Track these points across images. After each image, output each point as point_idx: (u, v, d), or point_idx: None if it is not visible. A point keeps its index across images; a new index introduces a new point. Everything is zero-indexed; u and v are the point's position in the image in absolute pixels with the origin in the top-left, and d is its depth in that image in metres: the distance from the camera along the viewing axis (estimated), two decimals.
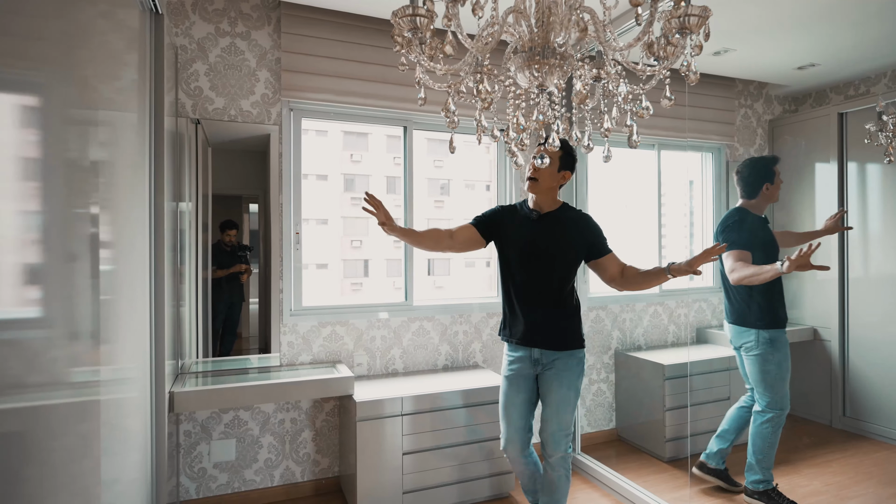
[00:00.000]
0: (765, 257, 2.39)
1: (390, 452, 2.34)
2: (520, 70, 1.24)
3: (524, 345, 1.99)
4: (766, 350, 2.42)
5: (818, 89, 3.47)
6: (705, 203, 3.45)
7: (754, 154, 3.56)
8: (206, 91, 2.40)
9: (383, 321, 2.74)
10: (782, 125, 3.55)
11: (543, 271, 1.95)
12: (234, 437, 2.46)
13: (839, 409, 3.22)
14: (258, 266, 2.61)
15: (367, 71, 2.61)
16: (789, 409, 2.41)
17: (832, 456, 2.89)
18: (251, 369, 2.50)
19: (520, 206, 2.09)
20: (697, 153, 3.45)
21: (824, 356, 3.27)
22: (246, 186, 2.61)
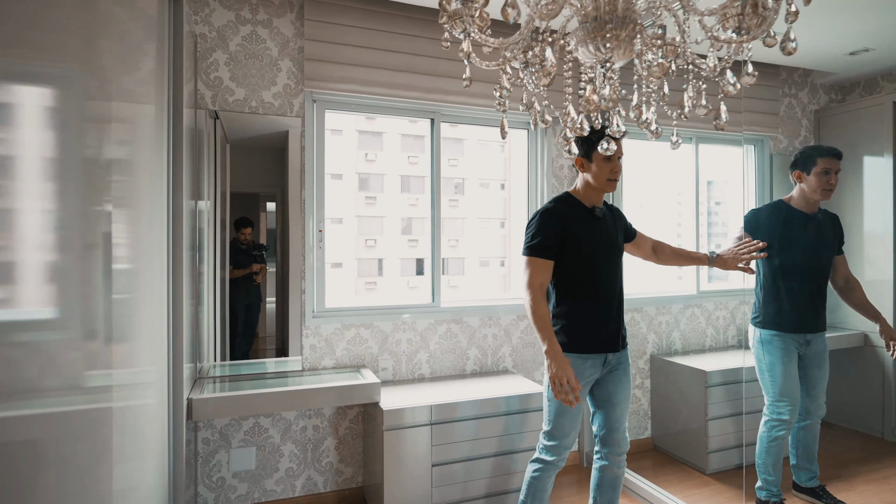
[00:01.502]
0: (781, 255, 2.23)
1: (419, 464, 2.21)
2: (581, 44, 1.09)
3: (602, 351, 1.85)
4: (758, 350, 2.29)
5: (868, 77, 3.27)
6: (748, 197, 3.26)
7: (798, 146, 3.36)
8: (227, 81, 2.28)
9: (409, 324, 2.60)
10: (829, 115, 3.35)
11: (618, 267, 1.92)
12: (255, 445, 2.34)
13: (892, 420, 3.02)
14: (275, 265, 2.50)
15: (393, 60, 2.48)
16: (788, 417, 2.20)
17: (889, 472, 2.69)
18: (272, 374, 2.38)
19: (563, 204, 1.88)
20: (738, 147, 3.27)
21: (876, 363, 3.06)
22: (263, 184, 2.51)
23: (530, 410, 2.39)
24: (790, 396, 2.21)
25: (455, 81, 2.57)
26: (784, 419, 2.22)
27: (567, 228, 1.82)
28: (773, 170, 3.28)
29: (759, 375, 2.31)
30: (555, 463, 1.88)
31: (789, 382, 2.21)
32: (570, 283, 1.85)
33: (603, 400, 1.92)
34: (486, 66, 1.19)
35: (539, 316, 1.74)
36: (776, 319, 2.24)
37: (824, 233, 2.30)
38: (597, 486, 1.98)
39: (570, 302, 1.85)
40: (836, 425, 2.85)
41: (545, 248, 1.80)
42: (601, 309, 1.85)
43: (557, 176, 2.89)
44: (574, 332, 1.84)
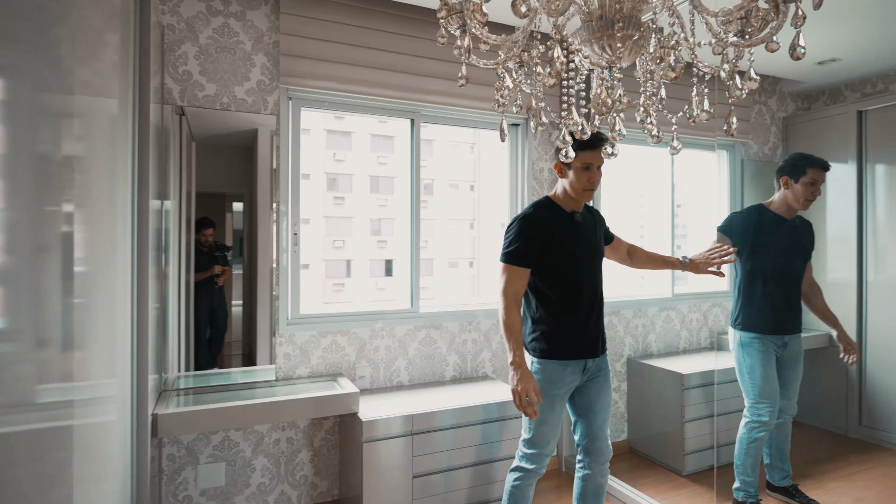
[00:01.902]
0: (761, 259, 2.28)
1: (399, 475, 2.13)
2: (586, 44, 1.05)
3: (582, 357, 1.82)
4: (738, 353, 2.32)
5: (833, 86, 3.37)
6: (721, 201, 3.32)
7: (768, 152, 3.45)
8: (196, 76, 2.15)
9: (388, 330, 2.53)
10: (796, 123, 3.45)
11: (598, 272, 1.90)
12: (224, 461, 2.22)
13: (855, 417, 3.12)
14: (242, 268, 2.38)
15: (373, 58, 2.40)
16: (767, 419, 2.25)
17: (854, 469, 2.77)
18: (243, 385, 2.27)
19: (543, 209, 1.85)
20: (712, 151, 3.32)
21: (839, 363, 3.16)
22: (230, 184, 2.39)
23: (508, 418, 2.35)
24: (770, 398, 2.24)
25: (436, 81, 2.51)
26: (764, 420, 2.25)
27: (546, 234, 1.79)
28: (744, 174, 3.35)
29: (740, 378, 2.34)
30: (536, 471, 1.85)
31: (769, 384, 2.24)
32: (551, 289, 1.81)
33: (584, 408, 1.89)
34: (484, 65, 1.13)
35: (508, 326, 1.72)
36: (755, 322, 2.27)
37: (801, 238, 2.35)
38: (580, 496, 1.94)
39: (550, 308, 1.82)
40: (804, 424, 2.92)
41: (522, 256, 1.76)
42: (582, 315, 1.82)
43: (538, 179, 2.86)
44: (554, 338, 1.81)
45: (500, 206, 3.08)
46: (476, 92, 2.60)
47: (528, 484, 1.87)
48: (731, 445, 2.89)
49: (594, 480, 1.91)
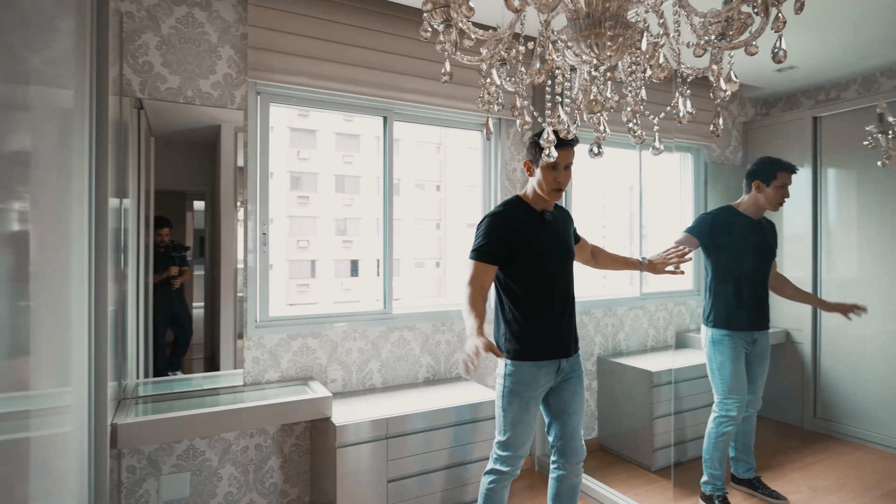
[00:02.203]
0: (731, 258, 2.35)
1: (373, 480, 2.09)
2: (572, 42, 1.04)
3: (556, 357, 1.81)
4: (709, 349, 2.39)
5: (789, 93, 3.52)
6: (685, 203, 3.41)
7: (729, 155, 3.56)
8: (158, 67, 2.05)
9: (360, 332, 2.47)
10: (756, 128, 3.58)
11: (570, 271, 1.89)
12: (189, 471, 2.12)
13: (810, 410, 3.26)
14: (204, 269, 2.29)
15: (346, 54, 2.34)
16: (735, 413, 2.32)
17: (812, 459, 2.89)
18: (209, 391, 2.17)
19: (512, 208, 1.84)
20: (677, 153, 3.41)
21: (796, 358, 3.30)
22: (191, 181, 2.28)
23: (481, 419, 2.34)
24: (739, 394, 2.31)
25: (410, 79, 2.48)
26: (732, 415, 2.31)
27: (516, 233, 1.78)
28: (707, 177, 3.45)
29: (710, 373, 2.40)
30: (511, 472, 1.84)
31: (738, 380, 2.31)
32: (523, 289, 1.80)
33: (559, 410, 1.88)
34: (469, 62, 1.11)
35: (472, 304, 1.66)
36: (726, 319, 2.33)
37: (767, 238, 2.43)
38: (555, 497, 1.93)
39: (523, 308, 1.80)
40: (763, 417, 3.02)
41: (490, 253, 1.75)
42: (555, 314, 1.81)
43: (511, 179, 2.86)
44: (527, 339, 1.79)
45: (467, 206, 3.07)
46: (451, 91, 2.58)
47: (504, 486, 1.86)
48: (692, 442, 2.98)
49: (569, 480, 1.92)
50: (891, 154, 2.14)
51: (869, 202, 2.96)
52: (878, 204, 2.92)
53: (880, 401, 2.93)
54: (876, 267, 2.94)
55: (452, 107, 2.61)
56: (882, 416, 2.93)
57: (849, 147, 3.06)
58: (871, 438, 2.96)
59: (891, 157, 2.15)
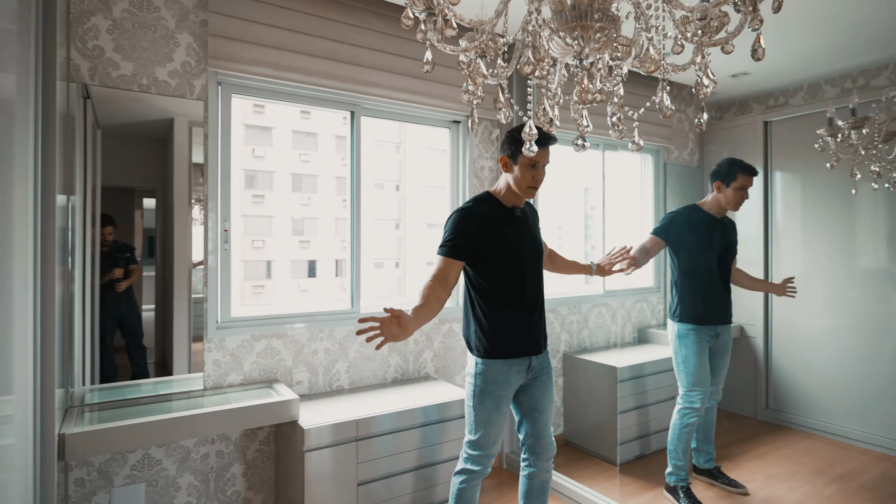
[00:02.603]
0: (696, 255, 2.43)
1: (343, 484, 2.03)
2: (556, 34, 1.03)
3: (527, 354, 1.79)
4: (675, 343, 2.46)
5: (742, 98, 3.67)
6: (645, 202, 3.50)
7: (687, 157, 3.68)
8: (110, 52, 1.92)
9: (327, 332, 2.40)
10: (711, 132, 3.71)
11: (541, 268, 1.89)
12: (144, 481, 2.00)
13: (763, 401, 3.42)
14: (154, 270, 2.16)
15: (311, 45, 2.27)
16: (699, 405, 2.41)
17: (765, 448, 3.03)
18: (165, 396, 2.06)
19: (482, 203, 1.81)
20: (637, 154, 3.49)
21: (750, 352, 3.45)
22: (141, 177, 2.16)
23: (449, 419, 2.31)
24: (703, 386, 2.38)
25: (378, 73, 2.43)
26: (696, 407, 2.38)
27: (485, 229, 1.74)
28: (666, 177, 3.56)
29: (675, 366, 2.46)
30: (482, 472, 1.82)
31: (702, 373, 2.38)
32: (493, 286, 1.77)
33: (529, 408, 1.87)
34: (451, 51, 1.08)
35: (423, 294, 1.58)
36: (691, 314, 2.40)
37: (729, 235, 2.52)
38: (526, 494, 1.93)
39: (493, 306, 1.77)
40: (720, 409, 3.14)
41: (458, 248, 1.70)
42: (525, 312, 1.80)
43: (479, 177, 2.86)
44: (498, 337, 1.77)
45: (427, 206, 3.04)
46: (420, 87, 2.55)
47: (475, 485, 1.84)
48: (656, 435, 3.06)
49: (540, 477, 1.92)
50: (839, 156, 2.26)
51: (814, 203, 3.13)
52: (823, 205, 3.08)
53: (826, 391, 3.10)
54: (820, 265, 3.10)
55: (421, 103, 2.57)
56: (827, 406, 3.10)
57: (796, 150, 3.22)
58: (819, 427, 3.12)
59: (839, 159, 2.27)
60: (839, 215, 2.99)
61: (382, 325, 1.40)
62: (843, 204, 2.94)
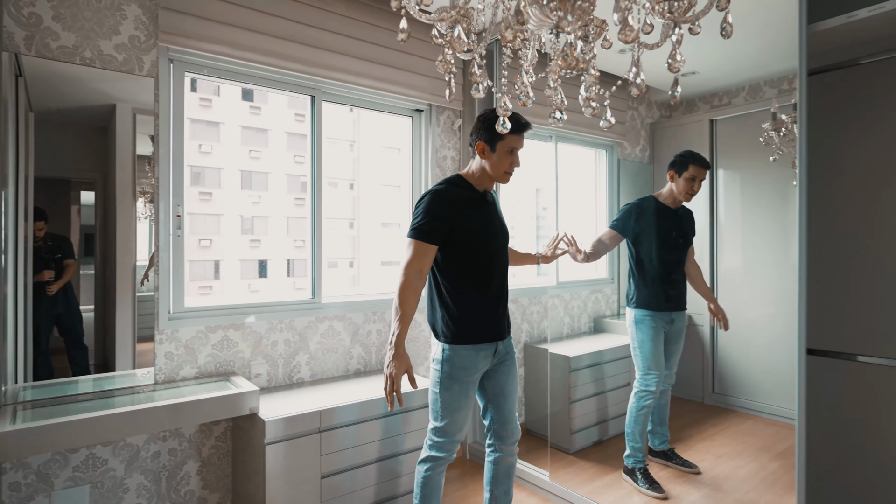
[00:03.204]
0: (650, 244, 2.53)
1: (307, 478, 1.97)
2: (533, 5, 1.03)
3: (493, 340, 1.79)
4: (632, 329, 2.56)
5: (689, 98, 3.84)
6: (599, 197, 3.59)
7: (639, 154, 3.81)
8: (48, 21, 1.79)
9: (287, 323, 2.33)
10: (661, 129, 3.86)
11: (506, 253, 1.89)
12: (89, 483, 1.86)
13: (709, 386, 3.58)
14: (94, 267, 2.03)
15: (271, 25, 2.19)
16: (654, 388, 2.51)
17: (713, 430, 3.17)
18: (110, 392, 1.93)
19: (455, 187, 1.78)
20: (592, 149, 3.59)
21: (697, 340, 3.60)
22: (78, 168, 2.01)
23: (413, 409, 2.29)
24: (657, 369, 2.47)
25: (341, 58, 2.38)
26: (651, 390, 2.46)
27: (458, 212, 1.72)
28: (619, 173, 3.67)
29: (632, 351, 2.54)
30: (447, 458, 1.82)
31: (657, 357, 2.46)
32: (464, 271, 1.76)
33: (495, 393, 1.88)
34: (427, 20, 1.06)
35: (401, 304, 1.65)
36: (647, 300, 2.48)
37: (684, 225, 2.62)
38: (492, 479, 1.93)
39: (462, 291, 1.76)
40: (672, 395, 3.27)
41: (431, 232, 1.68)
42: (493, 297, 1.80)
43: (441, 166, 2.85)
44: (467, 322, 1.76)
45: (382, 205, 3.02)
46: (383, 73, 2.51)
47: (440, 472, 1.83)
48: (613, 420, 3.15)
49: (505, 461, 1.92)
50: (782, 149, 2.39)
51: (754, 199, 3.31)
52: (764, 200, 3.26)
53: (765, 376, 3.27)
54: (760, 257, 3.28)
55: (384, 90, 2.54)
56: (768, 389, 3.28)
57: (738, 148, 3.39)
58: (760, 409, 3.29)
59: (782, 153, 2.40)
60: (777, 210, 3.17)
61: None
62: (780, 199, 3.12)
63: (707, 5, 1.04)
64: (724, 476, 2.62)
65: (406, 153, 2.86)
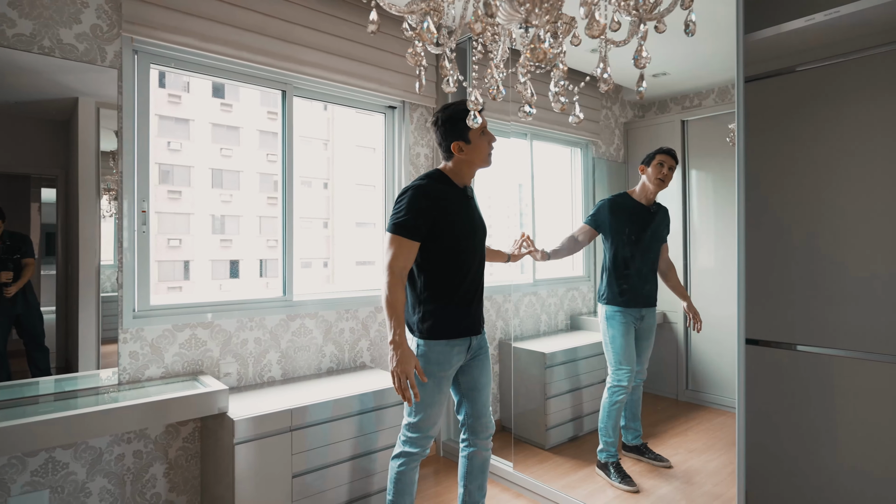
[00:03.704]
0: (622, 240, 2.56)
1: (277, 477, 1.93)
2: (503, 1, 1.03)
3: (467, 335, 1.79)
4: (603, 324, 2.60)
5: (661, 98, 3.91)
6: (575, 195, 3.63)
7: (613, 152, 3.87)
8: (3, 7, 1.71)
9: (257, 321, 2.28)
10: (634, 128, 3.92)
11: (483, 248, 1.88)
12: (48, 487, 1.79)
13: (683, 383, 3.66)
14: (55, 267, 1.95)
15: (241, 17, 2.14)
16: (626, 383, 2.55)
17: (686, 426, 3.23)
18: (71, 393, 1.86)
19: (436, 182, 1.76)
20: (567, 147, 3.63)
21: (671, 337, 3.67)
22: (38, 164, 1.93)
23: (387, 406, 2.27)
24: (629, 364, 2.50)
25: (312, 52, 2.34)
26: (623, 385, 2.50)
27: (440, 208, 1.70)
28: (594, 171, 3.72)
29: (604, 347, 2.57)
30: (420, 453, 1.81)
31: (628, 352, 2.50)
32: (442, 267, 1.74)
33: (469, 387, 1.87)
34: (398, 12, 1.05)
35: (391, 303, 1.63)
36: (618, 297, 2.52)
37: (657, 222, 2.66)
38: (466, 474, 1.93)
39: (440, 287, 1.75)
40: (645, 392, 3.33)
41: (413, 228, 1.65)
42: (469, 293, 1.80)
43: (415, 164, 2.83)
44: (443, 317, 1.75)
45: (356, 204, 3.00)
46: (356, 69, 2.49)
47: (413, 468, 1.82)
48: (588, 416, 3.18)
49: (480, 456, 1.92)
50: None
51: (726, 198, 3.38)
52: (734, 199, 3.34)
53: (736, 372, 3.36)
54: (731, 256, 3.35)
55: (357, 86, 2.51)
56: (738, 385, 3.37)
57: (709, 148, 3.47)
58: (732, 404, 3.35)
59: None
60: None
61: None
62: None
63: (671, 3, 1.06)
64: (695, 470, 2.67)
65: (381, 152, 2.84)
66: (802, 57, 1.99)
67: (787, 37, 1.86)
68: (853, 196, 1.86)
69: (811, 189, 1.95)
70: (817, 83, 1.96)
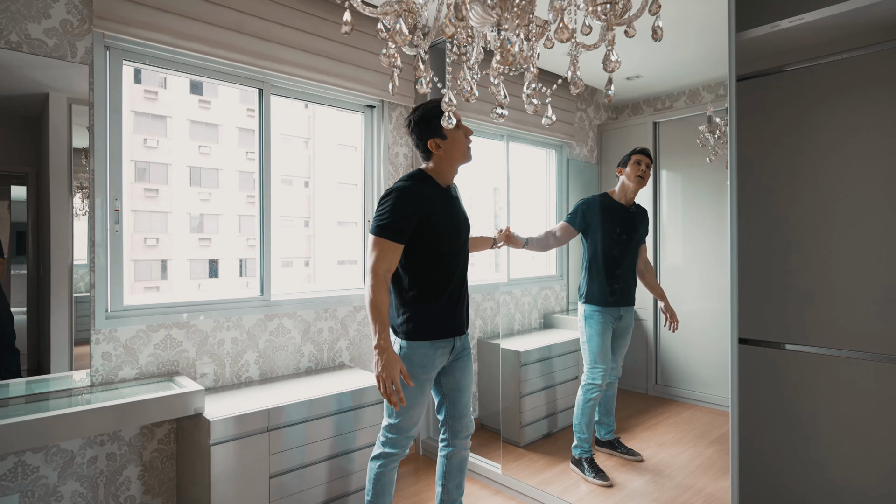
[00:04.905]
0: (601, 240, 2.62)
1: (254, 478, 1.93)
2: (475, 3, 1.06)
3: (451, 336, 1.79)
4: (582, 323, 2.65)
5: (634, 101, 3.99)
6: (549, 196, 3.69)
7: (587, 154, 3.93)
8: None
9: (234, 321, 2.27)
10: (608, 130, 4.00)
11: (467, 247, 1.88)
12: (17, 492, 1.77)
13: (653, 378, 3.74)
14: (26, 267, 1.92)
15: (217, 15, 2.13)
16: (600, 381, 2.61)
17: (656, 420, 3.31)
18: (44, 394, 1.83)
19: (420, 183, 1.74)
20: (542, 148, 3.68)
21: (641, 334, 3.75)
22: (8, 161, 1.90)
23: (366, 405, 2.28)
24: (604, 363, 2.56)
25: (289, 50, 2.34)
26: (598, 383, 2.55)
27: (424, 210, 1.69)
28: (569, 172, 3.78)
29: (581, 345, 2.62)
30: (400, 454, 1.81)
31: (604, 351, 2.55)
32: (427, 268, 1.73)
33: (451, 388, 1.87)
34: (371, 13, 1.07)
35: (375, 305, 1.60)
36: (597, 296, 2.57)
37: (636, 223, 2.72)
38: (444, 473, 1.93)
39: (425, 288, 1.73)
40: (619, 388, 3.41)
41: (397, 231, 1.63)
42: (455, 293, 1.78)
43: (394, 163, 2.85)
44: (427, 318, 1.73)
45: (338, 203, 3.00)
46: (334, 68, 2.49)
47: (393, 468, 1.83)
48: (562, 413, 3.24)
49: (458, 455, 1.93)
50: (717, 151, 2.53)
51: (694, 198, 3.47)
52: (702, 199, 3.43)
53: (703, 367, 3.45)
54: (697, 254, 3.45)
55: (335, 84, 2.52)
56: (705, 379, 3.45)
57: (679, 149, 3.56)
58: (698, 398, 3.47)
59: (717, 154, 2.54)
60: (713, 208, 3.34)
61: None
62: (716, 198, 3.30)
63: (639, 9, 1.10)
64: (665, 463, 2.75)
65: (361, 151, 2.84)
66: (790, 57, 2.01)
67: (777, 36, 1.85)
68: (842, 195, 1.87)
69: (800, 187, 1.96)
70: (806, 82, 1.97)
